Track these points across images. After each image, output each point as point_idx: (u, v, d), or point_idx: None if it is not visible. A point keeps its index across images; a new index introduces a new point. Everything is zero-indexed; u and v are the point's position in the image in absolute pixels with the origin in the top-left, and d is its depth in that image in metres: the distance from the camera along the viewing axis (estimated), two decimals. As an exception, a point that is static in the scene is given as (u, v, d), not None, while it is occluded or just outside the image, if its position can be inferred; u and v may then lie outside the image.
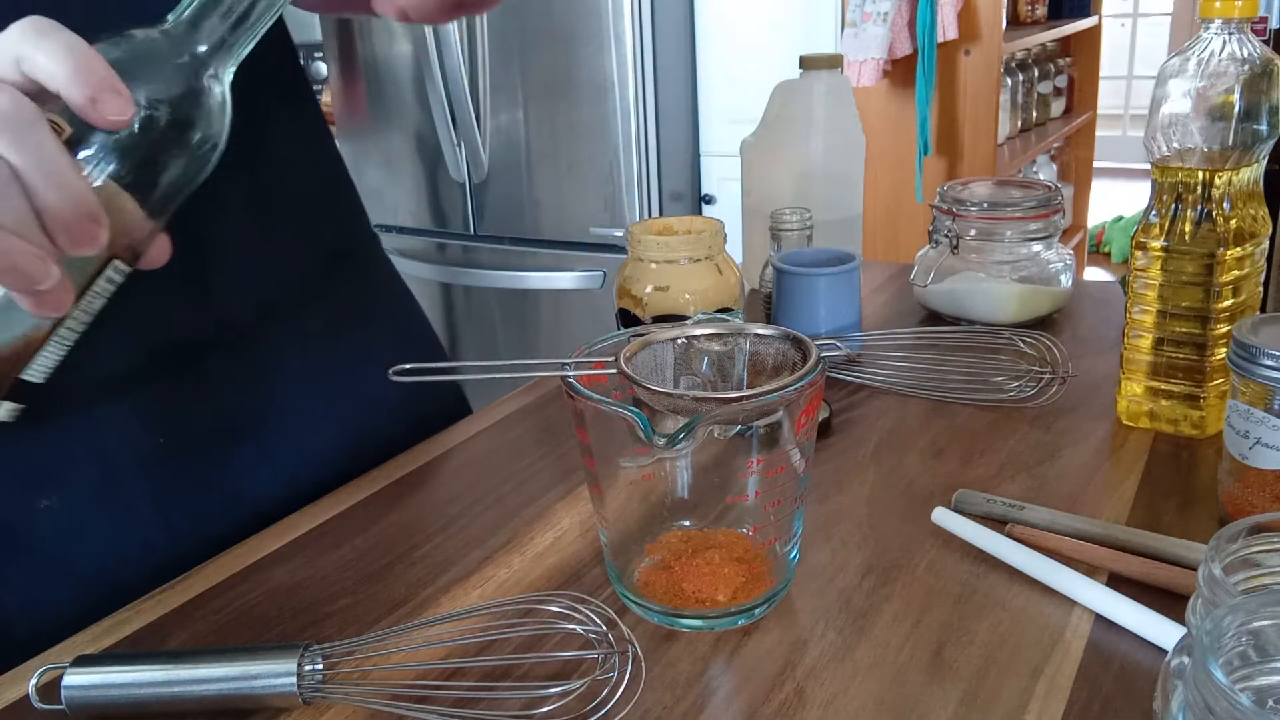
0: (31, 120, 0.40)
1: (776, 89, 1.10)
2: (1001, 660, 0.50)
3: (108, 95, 0.41)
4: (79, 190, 0.41)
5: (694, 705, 0.48)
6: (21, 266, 0.40)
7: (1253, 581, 0.37)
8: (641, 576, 0.55)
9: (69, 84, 0.40)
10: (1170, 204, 0.68)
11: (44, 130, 0.40)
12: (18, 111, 0.40)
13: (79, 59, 0.40)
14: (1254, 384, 0.57)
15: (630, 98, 2.43)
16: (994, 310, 0.92)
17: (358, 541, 0.64)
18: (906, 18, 2.28)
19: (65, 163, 0.41)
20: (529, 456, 0.75)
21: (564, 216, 2.55)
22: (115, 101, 0.41)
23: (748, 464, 0.53)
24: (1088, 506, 0.63)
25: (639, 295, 0.78)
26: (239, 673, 0.48)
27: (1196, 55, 0.65)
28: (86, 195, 0.41)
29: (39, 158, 0.40)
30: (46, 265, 0.41)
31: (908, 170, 2.40)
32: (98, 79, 0.41)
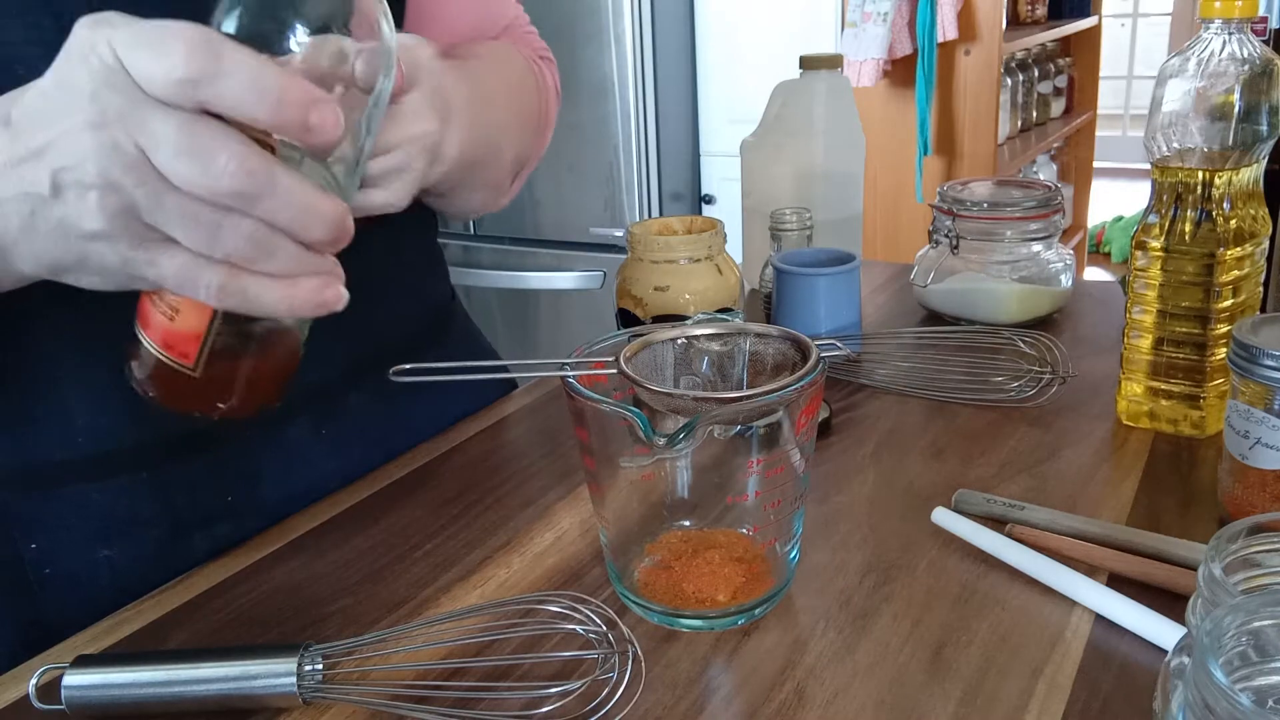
0: (267, 173, 0.38)
1: (776, 89, 1.10)
2: (1001, 660, 0.50)
3: (315, 117, 0.39)
4: (331, 208, 0.40)
5: (694, 705, 0.48)
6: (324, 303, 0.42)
7: (1253, 581, 0.37)
8: (641, 576, 0.55)
9: (276, 125, 0.39)
10: (1170, 204, 0.68)
11: (281, 174, 0.39)
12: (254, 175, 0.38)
13: (273, 92, 0.38)
14: (1254, 384, 0.57)
15: (630, 98, 2.43)
16: (994, 310, 0.92)
17: (358, 541, 0.64)
18: (906, 18, 2.28)
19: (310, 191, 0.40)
20: (529, 456, 0.75)
21: (564, 216, 2.56)
22: (326, 119, 0.39)
23: (748, 464, 0.53)
24: (1088, 506, 0.63)
25: (639, 295, 0.78)
26: (239, 673, 0.47)
27: (1196, 55, 0.65)
28: (338, 208, 0.41)
29: (290, 205, 0.39)
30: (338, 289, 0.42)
31: (908, 170, 2.40)
32: (301, 106, 0.38)
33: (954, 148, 2.44)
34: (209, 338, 0.44)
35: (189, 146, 0.38)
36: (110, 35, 0.38)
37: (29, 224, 0.41)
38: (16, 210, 0.41)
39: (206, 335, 0.44)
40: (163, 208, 0.38)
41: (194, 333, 0.44)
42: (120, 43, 0.38)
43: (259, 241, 0.39)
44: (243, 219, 0.39)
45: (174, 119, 0.38)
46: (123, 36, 0.38)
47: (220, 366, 0.45)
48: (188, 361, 0.44)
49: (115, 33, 0.38)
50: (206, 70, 0.37)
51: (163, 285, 0.41)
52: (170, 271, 0.40)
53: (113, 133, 0.38)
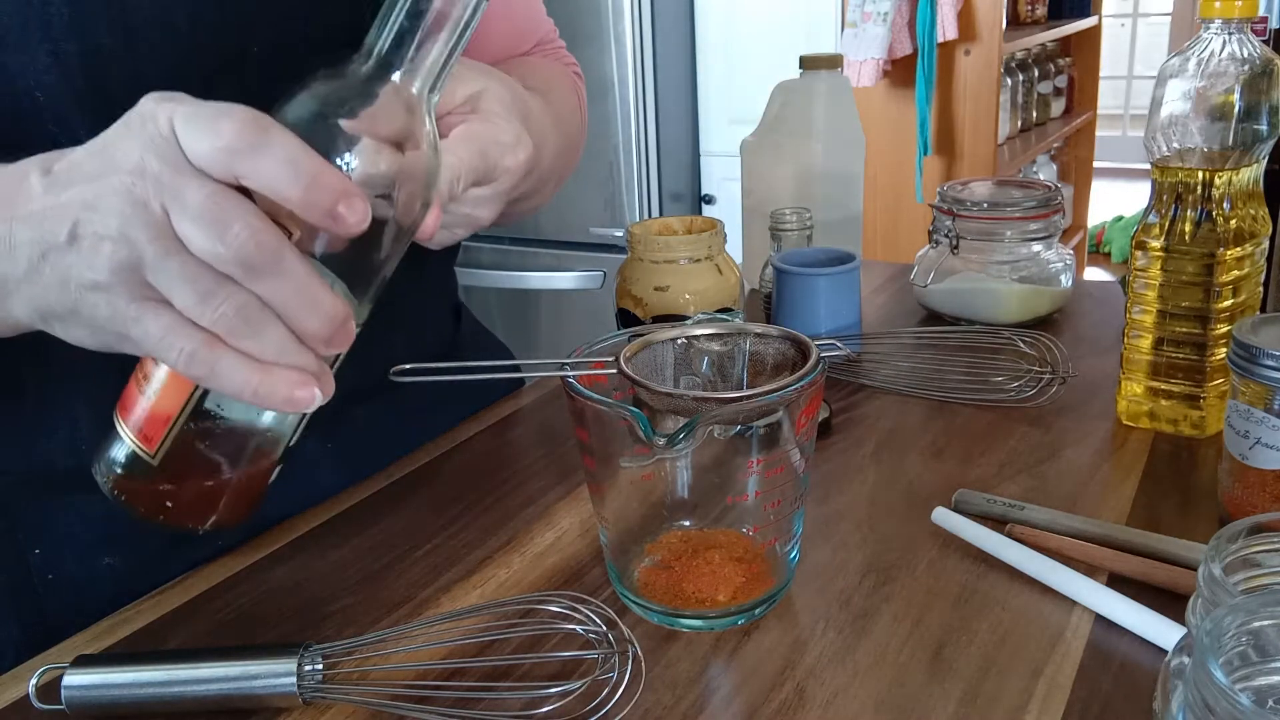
0: (277, 251, 0.39)
1: (776, 89, 1.10)
2: (1001, 660, 0.50)
3: (344, 206, 0.39)
4: (332, 305, 0.41)
5: (694, 705, 0.48)
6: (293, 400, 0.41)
7: (1253, 581, 0.37)
8: (642, 576, 0.55)
9: (305, 205, 0.39)
10: (1170, 204, 0.68)
11: (291, 257, 0.39)
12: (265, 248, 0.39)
13: (308, 174, 0.39)
14: (1254, 384, 0.57)
15: (630, 98, 2.43)
16: (994, 310, 0.92)
17: (358, 541, 0.64)
18: (906, 18, 2.28)
19: (315, 283, 0.40)
20: (529, 456, 0.75)
21: (564, 216, 2.56)
22: (354, 211, 0.40)
23: (748, 464, 0.53)
24: (1088, 506, 0.63)
25: (639, 295, 0.78)
26: (239, 673, 0.48)
27: (1196, 55, 0.65)
28: (339, 306, 0.41)
29: (292, 288, 0.40)
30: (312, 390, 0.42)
31: (908, 170, 2.40)
32: (332, 192, 0.39)
33: (954, 148, 2.44)
34: (177, 422, 0.43)
35: (209, 211, 0.38)
36: (173, 109, 0.40)
37: (35, 267, 0.41)
38: (28, 255, 0.41)
39: (175, 420, 0.43)
40: (166, 267, 0.39)
41: (165, 414, 0.43)
42: (179, 115, 0.40)
43: (248, 315, 0.39)
44: (238, 290, 0.39)
45: (205, 187, 0.39)
46: (184, 111, 0.40)
47: (180, 461, 0.44)
48: (149, 446, 0.44)
49: (178, 107, 0.40)
50: (249, 142, 0.39)
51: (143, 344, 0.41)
52: (153, 330, 0.40)
53: (144, 193, 0.39)
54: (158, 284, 0.39)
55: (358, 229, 0.40)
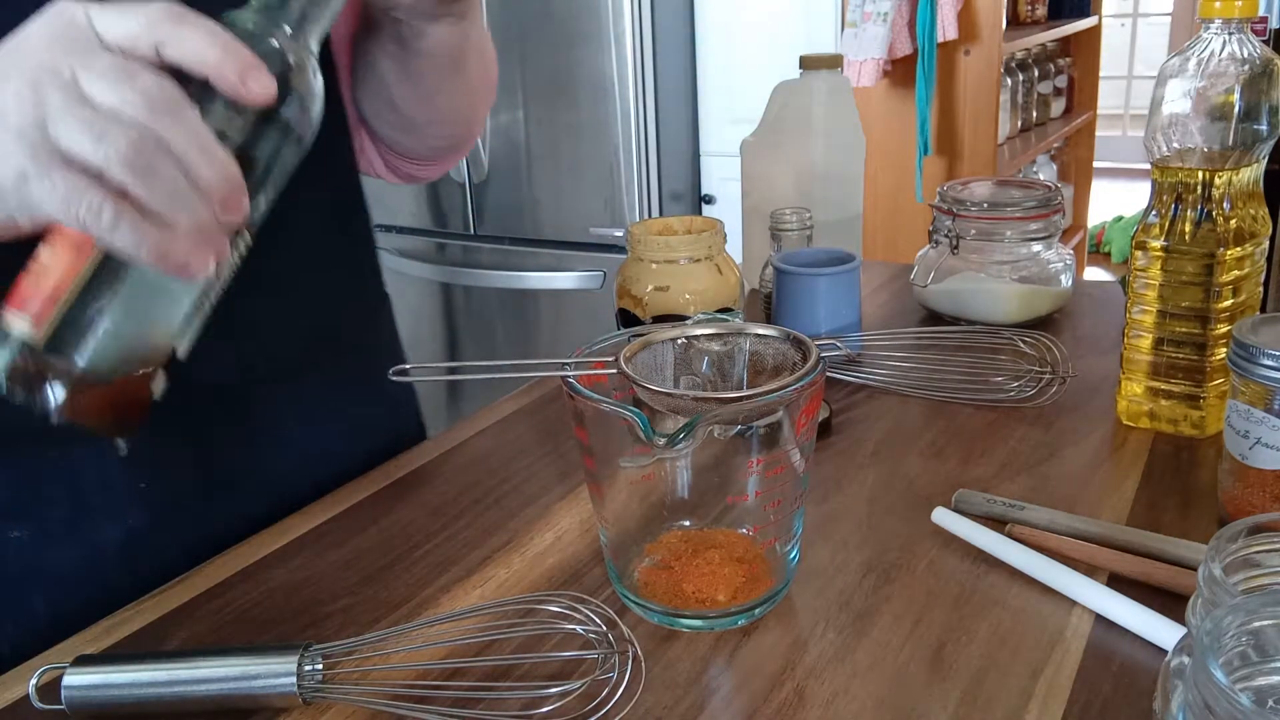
0: (179, 100, 0.42)
1: (776, 89, 1.10)
2: (1001, 660, 0.50)
3: (254, 75, 0.43)
4: (226, 162, 0.43)
5: (694, 705, 0.48)
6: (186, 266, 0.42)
7: (1253, 581, 0.37)
8: (641, 576, 0.55)
9: (219, 66, 0.42)
10: (1170, 204, 0.68)
11: (191, 111, 0.42)
12: (167, 93, 0.41)
13: (223, 42, 0.42)
14: (1254, 384, 0.57)
15: (630, 98, 2.43)
16: (994, 310, 0.92)
17: (358, 541, 0.64)
18: (906, 18, 2.28)
19: (211, 138, 0.42)
20: (529, 456, 0.75)
21: (564, 216, 2.55)
22: (261, 80, 0.43)
23: (748, 464, 0.53)
24: (1088, 506, 0.63)
25: (639, 295, 0.78)
26: (239, 673, 0.48)
27: (1196, 55, 0.65)
28: (232, 166, 0.43)
29: (191, 132, 0.41)
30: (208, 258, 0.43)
31: (908, 170, 2.40)
32: (244, 61, 0.43)
33: (954, 148, 2.44)
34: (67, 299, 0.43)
35: (117, 68, 0.41)
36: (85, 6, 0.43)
37: None
38: None
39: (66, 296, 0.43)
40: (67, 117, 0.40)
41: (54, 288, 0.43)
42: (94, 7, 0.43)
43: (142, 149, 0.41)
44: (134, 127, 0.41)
45: (114, 55, 0.42)
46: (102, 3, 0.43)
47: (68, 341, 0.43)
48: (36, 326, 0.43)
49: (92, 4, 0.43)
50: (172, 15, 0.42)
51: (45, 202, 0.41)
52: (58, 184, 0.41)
53: (55, 60, 0.41)
54: (60, 135, 0.41)
55: (263, 100, 0.43)
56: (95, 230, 0.41)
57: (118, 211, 0.41)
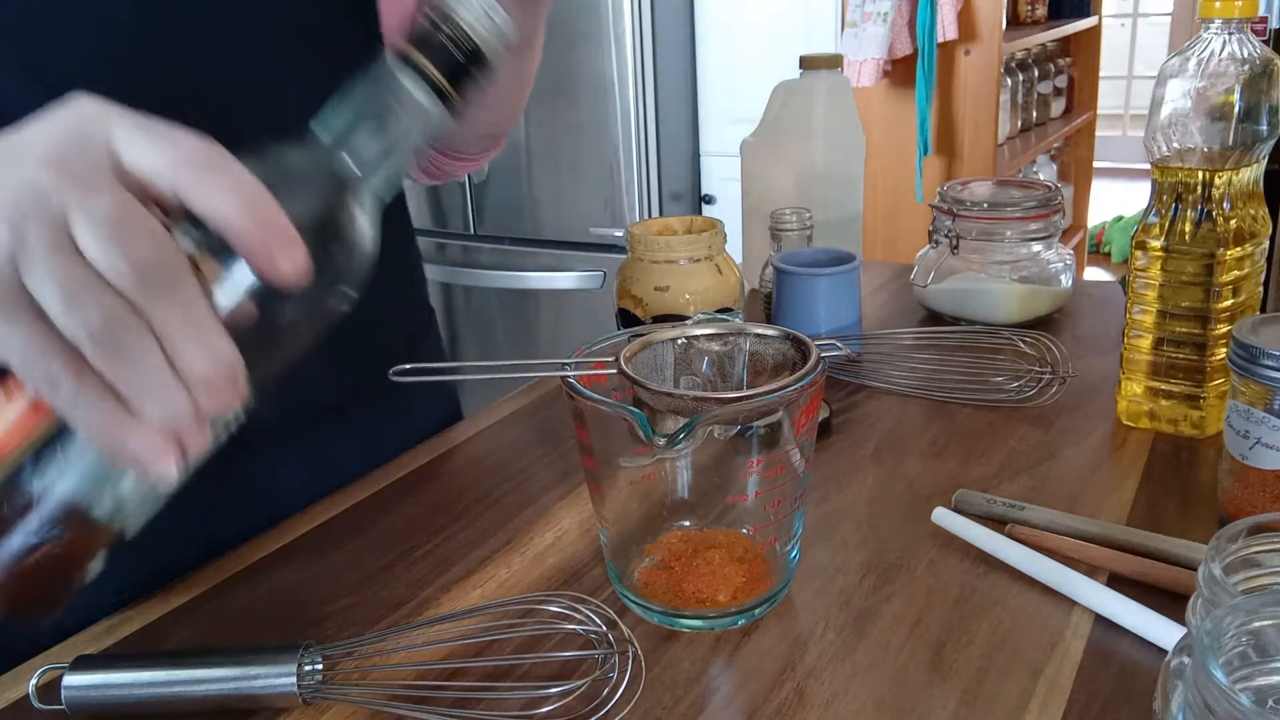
0: (178, 272, 0.35)
1: (776, 89, 1.10)
2: (1001, 660, 0.50)
3: (285, 251, 0.36)
4: (221, 349, 0.36)
5: (694, 705, 0.48)
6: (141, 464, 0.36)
7: (1253, 581, 0.37)
8: (642, 576, 0.55)
9: (244, 237, 0.36)
10: (1170, 204, 0.68)
11: (190, 285, 0.36)
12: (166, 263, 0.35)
13: (256, 207, 0.36)
14: (1254, 384, 0.57)
15: (630, 98, 2.43)
16: (994, 310, 0.92)
17: (358, 542, 0.64)
18: (906, 18, 2.28)
19: (209, 320, 0.36)
20: (529, 456, 0.75)
21: (564, 216, 2.56)
22: (294, 260, 0.36)
23: (748, 464, 0.53)
24: (1088, 506, 0.63)
25: (639, 295, 0.78)
26: (239, 673, 0.48)
27: (1196, 55, 0.65)
28: (228, 353, 0.36)
29: (183, 314, 0.35)
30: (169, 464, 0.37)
31: (908, 170, 2.40)
32: (279, 232, 0.36)
33: (954, 148, 2.44)
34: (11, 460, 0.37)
35: (116, 217, 0.35)
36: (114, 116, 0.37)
37: None
38: None
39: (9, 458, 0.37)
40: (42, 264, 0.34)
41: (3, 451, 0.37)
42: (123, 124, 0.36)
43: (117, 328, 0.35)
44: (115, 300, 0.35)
45: (118, 195, 0.35)
46: (129, 120, 0.37)
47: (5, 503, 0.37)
48: None
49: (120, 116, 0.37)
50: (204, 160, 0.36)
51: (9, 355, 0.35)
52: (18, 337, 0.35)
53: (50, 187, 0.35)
54: (30, 283, 0.35)
55: (292, 280, 0.37)
56: (49, 399, 0.36)
57: (78, 389, 0.35)
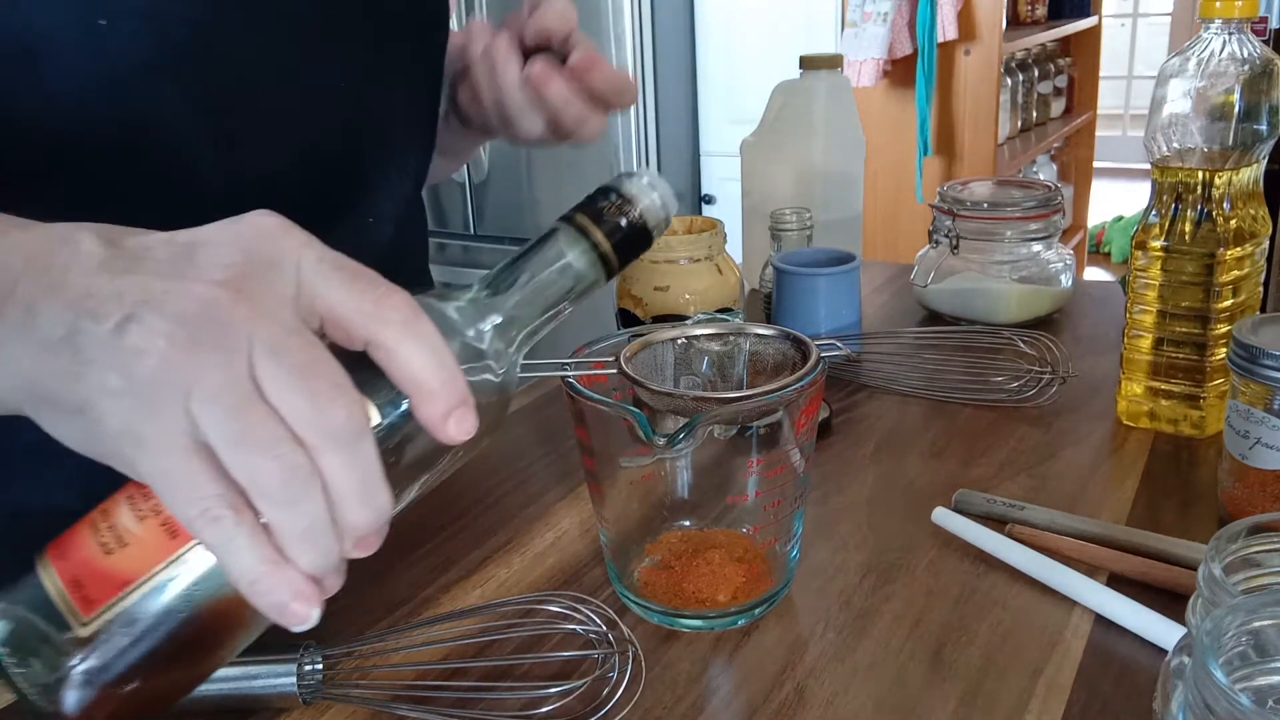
0: (361, 433, 0.35)
1: (776, 89, 1.10)
2: (1001, 660, 0.50)
3: (460, 415, 0.37)
4: (383, 504, 0.37)
5: (694, 705, 0.48)
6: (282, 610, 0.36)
7: (1253, 581, 0.37)
8: (642, 576, 0.55)
9: (429, 396, 0.36)
10: (1170, 204, 0.68)
11: (368, 440, 0.35)
12: (354, 425, 0.34)
13: (447, 368, 0.36)
14: (1254, 384, 0.57)
15: (630, 98, 2.43)
16: (994, 310, 0.92)
17: (358, 541, 0.64)
18: (906, 18, 2.28)
19: (378, 476, 0.36)
20: (529, 456, 0.75)
21: (564, 216, 2.55)
22: (465, 423, 0.37)
23: (748, 464, 0.53)
24: (1088, 506, 0.63)
25: (639, 295, 0.78)
26: (239, 673, 0.47)
27: (1196, 55, 0.65)
28: (388, 507, 0.37)
29: (358, 472, 0.35)
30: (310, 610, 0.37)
31: (908, 170, 2.40)
32: (458, 397, 0.37)
33: (954, 148, 2.44)
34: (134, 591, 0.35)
35: (309, 365, 0.34)
36: (306, 245, 0.36)
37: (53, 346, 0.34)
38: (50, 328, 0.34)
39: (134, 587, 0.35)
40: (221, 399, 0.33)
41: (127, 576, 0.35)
42: (315, 258, 0.36)
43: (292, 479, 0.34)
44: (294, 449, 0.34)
45: (307, 337, 0.34)
46: (322, 253, 0.36)
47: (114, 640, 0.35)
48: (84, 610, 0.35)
49: (313, 246, 0.36)
50: (405, 317, 0.36)
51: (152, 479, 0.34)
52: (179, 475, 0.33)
53: (235, 316, 0.33)
54: (203, 420, 0.33)
55: (459, 441, 0.38)
56: (200, 535, 0.34)
57: (236, 531, 0.33)
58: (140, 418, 0.33)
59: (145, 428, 0.33)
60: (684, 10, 2.56)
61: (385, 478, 0.36)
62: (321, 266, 0.35)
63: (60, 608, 0.35)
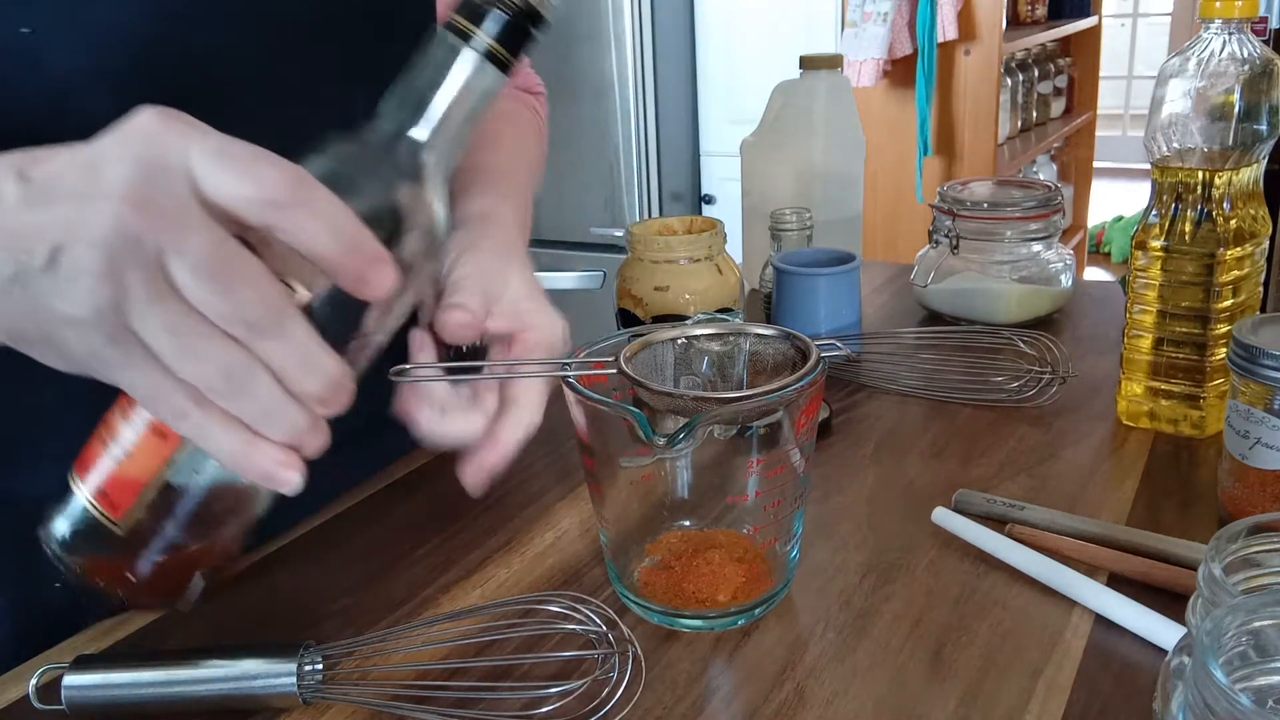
0: (285, 312, 0.37)
1: (776, 89, 1.10)
2: (1001, 660, 0.50)
3: (376, 271, 0.38)
4: (332, 367, 0.39)
5: (694, 705, 0.48)
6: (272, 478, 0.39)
7: (1253, 581, 0.37)
8: (642, 576, 0.55)
9: (338, 265, 0.38)
10: (1170, 204, 0.68)
11: (294, 317, 0.37)
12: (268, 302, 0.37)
13: (346, 238, 0.37)
14: (1254, 384, 0.57)
15: (630, 98, 2.43)
16: (994, 310, 0.92)
17: (358, 541, 0.64)
18: (906, 18, 2.28)
19: (317, 347, 0.38)
20: (529, 456, 0.75)
21: (564, 216, 2.56)
22: (384, 276, 0.38)
23: (748, 464, 0.53)
24: (1088, 506, 0.63)
25: (639, 295, 0.78)
26: (239, 673, 0.48)
27: (1196, 55, 0.65)
28: (338, 369, 0.39)
29: (294, 348, 0.37)
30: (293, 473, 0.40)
31: (908, 170, 2.40)
32: (367, 257, 0.38)
33: (954, 148, 2.44)
34: (149, 488, 0.41)
35: (215, 262, 0.36)
36: (189, 138, 0.37)
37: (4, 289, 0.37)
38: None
39: (148, 485, 0.41)
40: (151, 313, 0.36)
41: (136, 479, 0.41)
42: (200, 150, 0.37)
43: (232, 374, 0.37)
44: (226, 346, 0.37)
45: (211, 233, 0.36)
46: (210, 146, 0.37)
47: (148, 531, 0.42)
48: (114, 514, 0.41)
49: (196, 138, 0.37)
50: (293, 196, 0.37)
51: (131, 391, 0.38)
52: (140, 382, 0.37)
53: (141, 229, 0.35)
54: (140, 330, 0.36)
55: (383, 293, 0.39)
56: (179, 432, 0.38)
57: (203, 420, 0.38)
58: (98, 341, 0.36)
59: (104, 350, 0.37)
60: (684, 10, 2.56)
61: (325, 345, 0.38)
62: (205, 159, 0.37)
63: (96, 516, 0.41)
